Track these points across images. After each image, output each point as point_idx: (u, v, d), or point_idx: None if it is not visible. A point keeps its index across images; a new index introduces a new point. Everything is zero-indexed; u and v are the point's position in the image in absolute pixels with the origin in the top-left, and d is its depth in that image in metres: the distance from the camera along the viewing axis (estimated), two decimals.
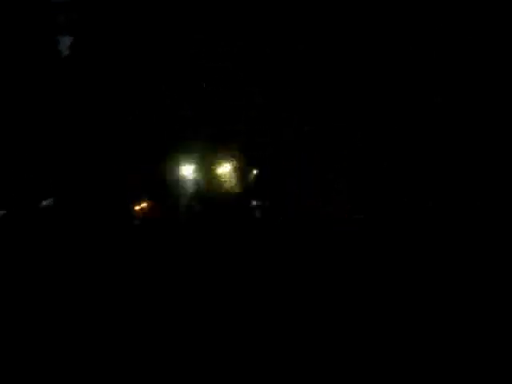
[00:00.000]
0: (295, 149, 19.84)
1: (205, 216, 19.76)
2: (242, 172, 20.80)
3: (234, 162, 20.83)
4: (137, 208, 20.71)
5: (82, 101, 20.57)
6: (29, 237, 16.23)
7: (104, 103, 20.66)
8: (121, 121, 20.71)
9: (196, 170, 21.62)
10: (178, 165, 21.48)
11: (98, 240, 16.84)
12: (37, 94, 19.65)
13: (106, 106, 20.67)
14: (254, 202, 20.95)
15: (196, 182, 21.63)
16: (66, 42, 20.85)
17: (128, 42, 21.39)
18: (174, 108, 21.19)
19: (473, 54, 17.84)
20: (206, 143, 21.27)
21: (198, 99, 21.33)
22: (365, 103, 19.18)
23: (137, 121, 20.84)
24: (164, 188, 20.74)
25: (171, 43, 21.32)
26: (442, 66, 18.21)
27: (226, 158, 21.34)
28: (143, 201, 20.93)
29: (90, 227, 17.73)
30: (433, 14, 18.26)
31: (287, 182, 19.86)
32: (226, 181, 20.80)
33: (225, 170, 21.04)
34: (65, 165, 19.49)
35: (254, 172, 21.23)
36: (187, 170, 21.69)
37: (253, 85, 20.63)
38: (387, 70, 18.99)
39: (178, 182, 21.14)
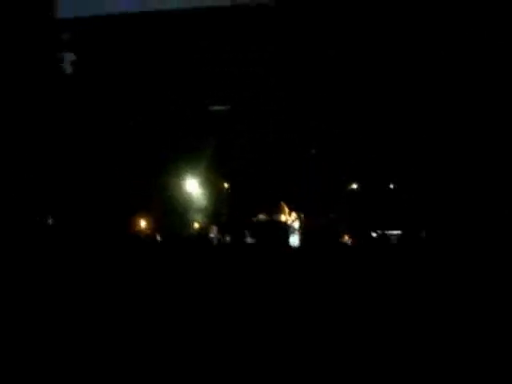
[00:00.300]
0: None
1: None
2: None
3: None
4: (137, 224, 20.76)
5: (84, 117, 20.67)
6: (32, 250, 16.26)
7: (106, 119, 20.75)
8: (123, 137, 20.80)
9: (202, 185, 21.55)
10: (180, 179, 21.47)
11: (94, 255, 16.78)
12: (40, 111, 19.76)
13: (109, 123, 20.76)
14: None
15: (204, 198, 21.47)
16: (69, 59, 21.02)
17: (131, 59, 21.52)
18: (176, 123, 21.29)
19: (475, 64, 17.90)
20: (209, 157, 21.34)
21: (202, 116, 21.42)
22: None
23: (138, 137, 20.93)
24: (166, 204, 20.74)
25: (173, 63, 21.45)
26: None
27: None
28: (142, 217, 20.97)
29: (87, 243, 17.70)
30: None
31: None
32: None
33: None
34: (65, 182, 19.55)
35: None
36: (192, 185, 21.59)
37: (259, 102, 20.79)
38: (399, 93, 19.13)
39: (180, 197, 21.14)
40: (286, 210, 21.77)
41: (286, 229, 21.13)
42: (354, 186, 21.17)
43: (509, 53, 17.66)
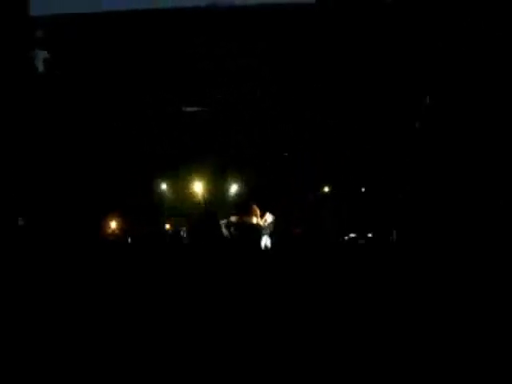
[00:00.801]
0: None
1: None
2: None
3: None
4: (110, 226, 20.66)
5: (56, 116, 20.54)
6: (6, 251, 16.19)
7: (79, 118, 20.65)
8: (95, 136, 20.70)
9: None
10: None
11: (68, 256, 16.73)
12: (12, 110, 19.58)
13: (82, 121, 20.65)
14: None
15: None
16: (41, 57, 20.87)
17: (104, 56, 21.41)
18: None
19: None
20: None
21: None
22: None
23: (111, 136, 20.84)
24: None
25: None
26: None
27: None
28: (115, 218, 20.87)
29: (60, 244, 17.64)
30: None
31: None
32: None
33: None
34: (40, 184, 19.40)
35: None
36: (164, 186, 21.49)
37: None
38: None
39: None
40: (258, 212, 21.79)
41: (257, 230, 21.16)
42: (326, 189, 21.25)
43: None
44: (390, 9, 19.92)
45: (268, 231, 21.31)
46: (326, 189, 21.08)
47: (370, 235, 19.26)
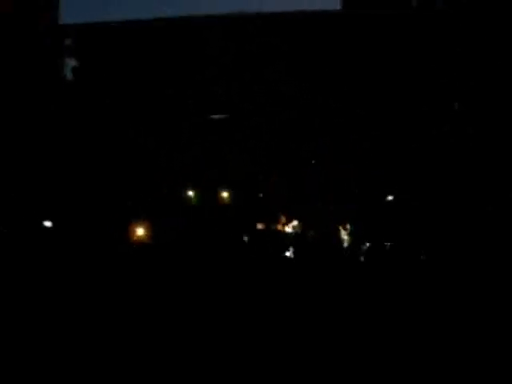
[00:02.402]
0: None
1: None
2: None
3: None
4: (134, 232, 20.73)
5: (84, 123, 20.71)
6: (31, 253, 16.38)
7: (107, 125, 20.79)
8: (123, 144, 20.82)
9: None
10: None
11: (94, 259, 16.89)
12: (41, 117, 19.82)
13: (109, 129, 20.79)
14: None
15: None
16: (70, 65, 21.07)
17: (132, 65, 21.56)
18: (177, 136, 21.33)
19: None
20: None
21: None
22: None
23: (138, 143, 20.96)
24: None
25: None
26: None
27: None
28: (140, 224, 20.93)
29: (86, 247, 17.79)
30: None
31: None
32: None
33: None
34: (65, 187, 19.57)
35: None
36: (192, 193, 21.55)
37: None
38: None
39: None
40: (284, 219, 21.79)
41: (282, 238, 21.19)
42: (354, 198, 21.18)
43: (507, 56, 17.68)
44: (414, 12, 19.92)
45: (292, 238, 21.35)
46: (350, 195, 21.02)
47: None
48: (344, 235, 20.50)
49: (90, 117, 20.67)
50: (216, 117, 22.04)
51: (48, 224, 19.04)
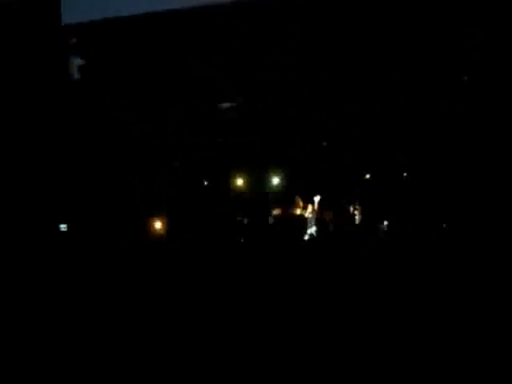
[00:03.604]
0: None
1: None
2: None
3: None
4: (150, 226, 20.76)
5: (92, 121, 20.73)
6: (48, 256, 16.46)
7: (115, 122, 20.80)
8: (132, 140, 20.84)
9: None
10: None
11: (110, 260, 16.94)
12: (48, 117, 19.85)
13: (118, 126, 20.81)
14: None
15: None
16: (77, 63, 21.06)
17: (139, 60, 21.55)
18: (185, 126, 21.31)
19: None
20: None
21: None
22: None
23: (147, 139, 20.96)
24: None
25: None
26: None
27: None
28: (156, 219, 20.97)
29: (102, 247, 17.84)
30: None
31: None
32: None
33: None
34: (75, 186, 19.61)
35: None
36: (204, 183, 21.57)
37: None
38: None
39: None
40: (301, 203, 21.73)
41: (300, 222, 21.14)
42: (368, 176, 21.09)
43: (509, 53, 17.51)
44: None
45: (313, 221, 21.31)
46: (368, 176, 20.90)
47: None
48: (358, 216, 20.47)
49: (99, 114, 20.74)
50: (225, 105, 22.01)
51: (63, 226, 19.15)
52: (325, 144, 21.28)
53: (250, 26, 21.52)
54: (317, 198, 21.58)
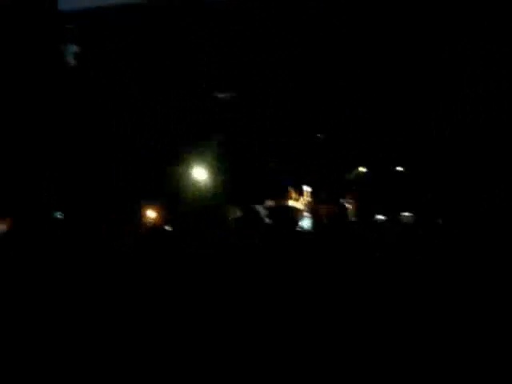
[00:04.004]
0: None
1: None
2: None
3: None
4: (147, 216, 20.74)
5: (88, 109, 20.63)
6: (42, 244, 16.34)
7: (111, 111, 20.72)
8: (128, 129, 20.76)
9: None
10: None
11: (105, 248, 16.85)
12: (44, 104, 19.73)
13: (114, 114, 20.72)
14: None
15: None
16: (72, 51, 20.93)
17: (135, 49, 21.43)
18: (182, 113, 21.23)
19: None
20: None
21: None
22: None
23: (144, 128, 20.89)
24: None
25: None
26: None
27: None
28: (151, 208, 20.94)
29: (97, 236, 17.76)
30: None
31: None
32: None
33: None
34: (70, 177, 19.55)
35: None
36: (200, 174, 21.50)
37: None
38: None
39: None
40: (294, 195, 21.76)
41: (293, 213, 21.16)
42: (362, 169, 21.13)
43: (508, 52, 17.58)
44: None
45: (307, 213, 21.31)
46: (363, 169, 20.97)
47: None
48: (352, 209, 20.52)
49: (95, 103, 20.62)
50: (222, 95, 21.98)
51: (59, 215, 19.09)
52: (320, 136, 21.31)
53: (245, 20, 21.48)
54: (309, 189, 21.63)
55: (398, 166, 20.48)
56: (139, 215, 20.56)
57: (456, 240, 15.70)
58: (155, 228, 20.18)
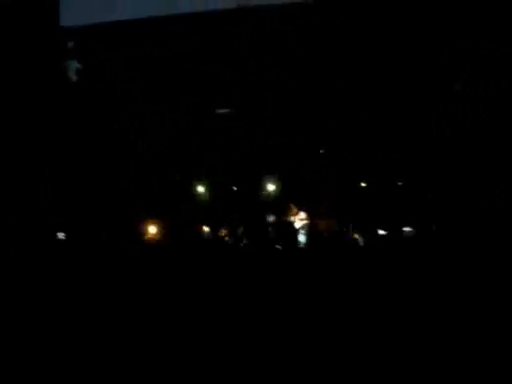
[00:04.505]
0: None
1: None
2: None
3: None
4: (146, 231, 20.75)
5: (90, 125, 20.75)
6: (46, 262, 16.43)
7: (113, 126, 20.83)
8: (129, 144, 20.87)
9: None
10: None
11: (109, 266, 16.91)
12: (46, 120, 19.85)
13: (115, 129, 20.84)
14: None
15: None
16: (74, 67, 21.07)
17: (136, 65, 21.57)
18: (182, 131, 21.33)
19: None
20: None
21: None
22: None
23: (145, 143, 21.00)
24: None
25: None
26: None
27: None
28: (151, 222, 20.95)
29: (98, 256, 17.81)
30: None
31: None
32: None
33: None
34: (72, 190, 19.63)
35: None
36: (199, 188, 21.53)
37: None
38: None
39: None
40: (295, 210, 21.77)
41: (295, 229, 21.18)
42: (363, 184, 21.14)
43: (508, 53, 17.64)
44: None
45: (304, 229, 21.29)
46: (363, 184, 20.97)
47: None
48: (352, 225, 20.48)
49: (97, 117, 20.75)
50: (222, 111, 22.07)
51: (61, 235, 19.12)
52: (322, 151, 21.34)
53: (246, 32, 21.61)
54: (308, 205, 21.60)
55: (398, 179, 20.49)
56: (140, 229, 20.61)
57: (456, 250, 15.70)
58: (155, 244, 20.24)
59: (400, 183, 19.97)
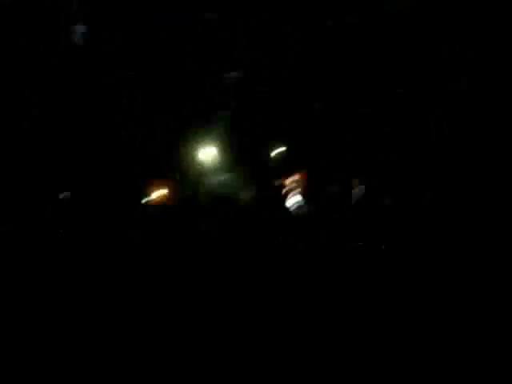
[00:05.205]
0: None
1: None
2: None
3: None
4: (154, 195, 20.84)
5: (96, 91, 20.68)
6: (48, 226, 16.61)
7: (119, 93, 20.76)
8: (135, 111, 20.83)
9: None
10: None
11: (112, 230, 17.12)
12: (51, 85, 19.79)
13: (122, 96, 20.77)
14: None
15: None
16: (79, 31, 20.84)
17: (143, 28, 21.32)
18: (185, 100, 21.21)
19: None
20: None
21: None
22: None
23: (151, 111, 20.95)
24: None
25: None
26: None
27: None
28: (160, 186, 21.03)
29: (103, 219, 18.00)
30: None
31: None
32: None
33: None
34: (78, 158, 19.73)
35: None
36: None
37: None
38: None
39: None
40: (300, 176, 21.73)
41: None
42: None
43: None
44: None
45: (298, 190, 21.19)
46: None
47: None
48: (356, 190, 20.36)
49: (104, 84, 20.63)
50: (228, 75, 21.82)
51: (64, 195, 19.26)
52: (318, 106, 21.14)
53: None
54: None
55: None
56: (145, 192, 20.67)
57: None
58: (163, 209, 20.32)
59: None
